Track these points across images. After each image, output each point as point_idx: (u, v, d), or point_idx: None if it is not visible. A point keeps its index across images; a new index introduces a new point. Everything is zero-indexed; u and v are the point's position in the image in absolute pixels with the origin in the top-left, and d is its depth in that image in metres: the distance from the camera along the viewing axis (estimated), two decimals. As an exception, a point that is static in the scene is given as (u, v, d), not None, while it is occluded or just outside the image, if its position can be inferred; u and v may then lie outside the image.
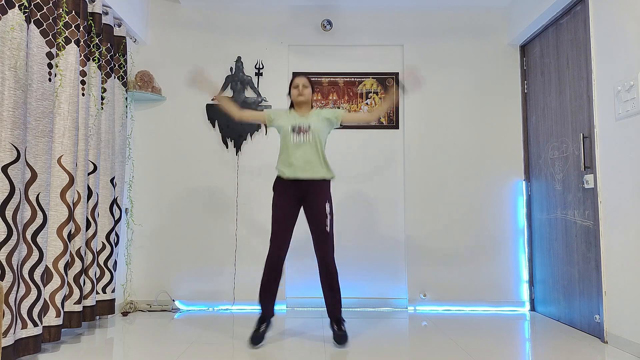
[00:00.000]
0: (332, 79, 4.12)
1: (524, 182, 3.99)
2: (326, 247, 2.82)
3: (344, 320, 2.88)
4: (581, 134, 3.15)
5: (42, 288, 2.49)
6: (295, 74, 3.05)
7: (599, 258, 2.97)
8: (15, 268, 2.29)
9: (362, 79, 4.12)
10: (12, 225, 2.27)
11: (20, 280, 2.40)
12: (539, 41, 3.80)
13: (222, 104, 3.07)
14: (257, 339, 2.79)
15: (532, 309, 3.86)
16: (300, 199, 2.89)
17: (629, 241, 2.72)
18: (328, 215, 2.84)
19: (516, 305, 3.88)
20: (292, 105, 3.08)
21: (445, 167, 4.02)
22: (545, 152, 3.69)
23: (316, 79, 4.13)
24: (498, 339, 3.00)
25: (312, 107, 3.07)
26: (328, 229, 2.82)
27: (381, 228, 3.99)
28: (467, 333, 3.13)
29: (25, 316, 2.40)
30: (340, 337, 2.76)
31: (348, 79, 4.12)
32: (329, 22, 4.08)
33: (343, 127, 4.07)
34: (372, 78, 4.13)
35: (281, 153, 2.95)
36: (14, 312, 2.31)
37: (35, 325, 2.44)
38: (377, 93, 4.12)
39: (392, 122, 4.09)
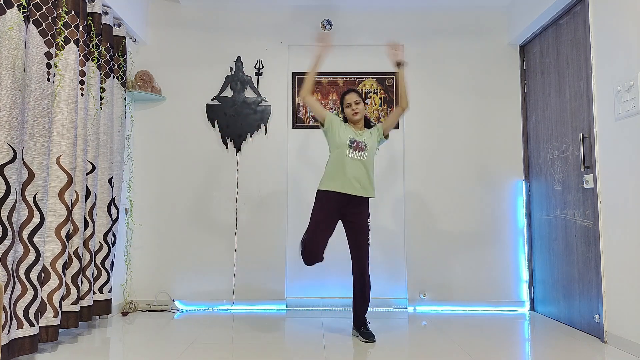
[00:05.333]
0: (332, 79, 4.12)
1: (523, 182, 3.98)
2: (366, 258, 2.95)
3: (369, 322, 3.03)
4: (581, 134, 3.14)
5: (38, 288, 2.49)
6: (346, 91, 3.07)
7: (598, 258, 2.96)
8: (10, 268, 2.29)
9: (362, 79, 4.12)
10: (8, 225, 2.27)
11: (16, 280, 2.40)
12: (539, 41, 3.80)
13: (312, 69, 2.96)
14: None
15: (532, 309, 3.85)
16: (343, 213, 2.97)
17: (628, 241, 2.71)
18: (369, 228, 2.99)
19: (516, 305, 3.87)
20: (345, 119, 3.11)
21: (445, 167, 4.02)
22: (545, 152, 3.68)
23: (316, 79, 4.12)
24: (498, 339, 2.99)
25: (366, 124, 3.11)
26: (369, 242, 2.96)
27: (381, 228, 3.98)
28: (467, 333, 3.12)
29: (21, 316, 2.40)
30: (369, 335, 2.90)
31: (348, 79, 4.12)
32: (329, 22, 4.07)
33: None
34: (372, 78, 4.12)
35: (332, 165, 2.96)
36: (9, 312, 2.31)
37: (32, 325, 2.44)
38: (377, 93, 4.11)
39: (391, 122, 4.08)
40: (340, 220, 3.01)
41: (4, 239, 2.25)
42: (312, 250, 2.88)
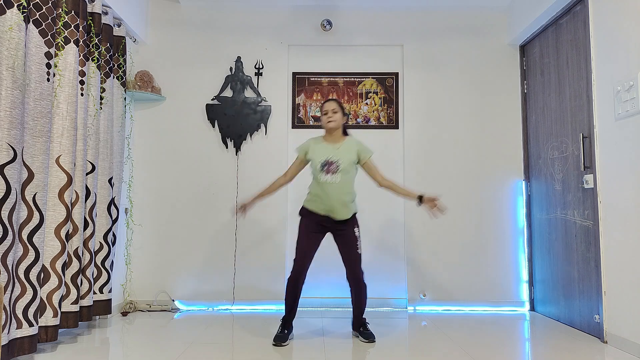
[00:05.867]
0: (332, 79, 4.12)
1: (523, 182, 3.98)
2: (358, 268, 2.93)
3: (368, 323, 3.03)
4: (581, 134, 3.14)
5: (38, 288, 2.49)
6: (326, 99, 3.03)
7: (598, 258, 2.96)
8: (10, 268, 2.29)
9: (362, 79, 4.12)
10: (8, 225, 2.27)
11: (16, 280, 2.40)
12: (539, 41, 3.80)
13: (260, 197, 3.05)
14: (281, 338, 2.86)
15: (532, 309, 3.85)
16: (328, 228, 2.95)
17: (628, 241, 2.71)
18: (358, 238, 2.94)
19: (516, 305, 3.87)
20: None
21: (445, 167, 4.02)
22: (545, 152, 3.68)
23: (316, 79, 4.12)
24: (498, 339, 2.99)
25: (344, 132, 3.03)
26: (359, 251, 2.93)
27: (381, 228, 3.98)
28: (467, 333, 3.12)
29: (20, 316, 2.40)
30: (369, 335, 2.91)
31: (348, 79, 4.12)
32: (329, 22, 4.07)
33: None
34: (372, 78, 4.12)
35: (313, 187, 2.95)
36: (9, 312, 2.31)
37: (31, 325, 2.44)
38: (377, 93, 4.11)
39: (392, 122, 4.09)
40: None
41: (3, 239, 2.25)
42: (298, 269, 2.86)
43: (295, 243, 2.94)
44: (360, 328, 2.97)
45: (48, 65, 2.57)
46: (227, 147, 4.03)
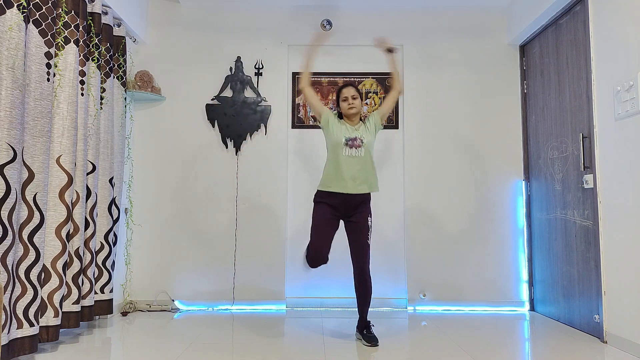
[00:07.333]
0: (331, 79, 4.12)
1: (523, 182, 3.99)
2: (366, 259, 2.88)
3: (372, 325, 2.96)
4: (581, 134, 3.14)
5: (38, 288, 2.49)
6: (343, 85, 3.03)
7: (598, 258, 2.97)
8: (10, 268, 2.29)
9: (362, 79, 4.12)
10: (8, 225, 2.27)
11: (16, 280, 2.40)
12: (539, 41, 3.80)
13: (309, 62, 3.03)
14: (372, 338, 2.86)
15: (532, 309, 3.85)
16: (344, 213, 2.91)
17: (628, 241, 2.71)
18: (370, 228, 2.90)
19: (516, 305, 3.87)
20: (340, 115, 3.05)
21: (445, 167, 4.02)
22: (545, 152, 3.68)
23: (316, 79, 4.12)
24: (498, 339, 2.99)
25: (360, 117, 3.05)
26: (369, 241, 2.89)
27: (381, 228, 3.98)
28: (467, 333, 3.12)
29: (20, 316, 2.40)
30: (372, 338, 2.83)
31: (348, 79, 4.12)
32: (329, 22, 4.07)
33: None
34: (372, 78, 4.12)
35: (329, 165, 2.91)
36: (9, 312, 2.31)
37: (32, 325, 2.44)
38: (376, 93, 4.11)
39: (391, 122, 4.09)
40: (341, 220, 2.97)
41: (3, 239, 2.25)
42: (315, 257, 2.83)
43: (310, 230, 2.88)
44: (364, 330, 2.89)
45: (48, 65, 2.57)
46: (227, 147, 4.03)
